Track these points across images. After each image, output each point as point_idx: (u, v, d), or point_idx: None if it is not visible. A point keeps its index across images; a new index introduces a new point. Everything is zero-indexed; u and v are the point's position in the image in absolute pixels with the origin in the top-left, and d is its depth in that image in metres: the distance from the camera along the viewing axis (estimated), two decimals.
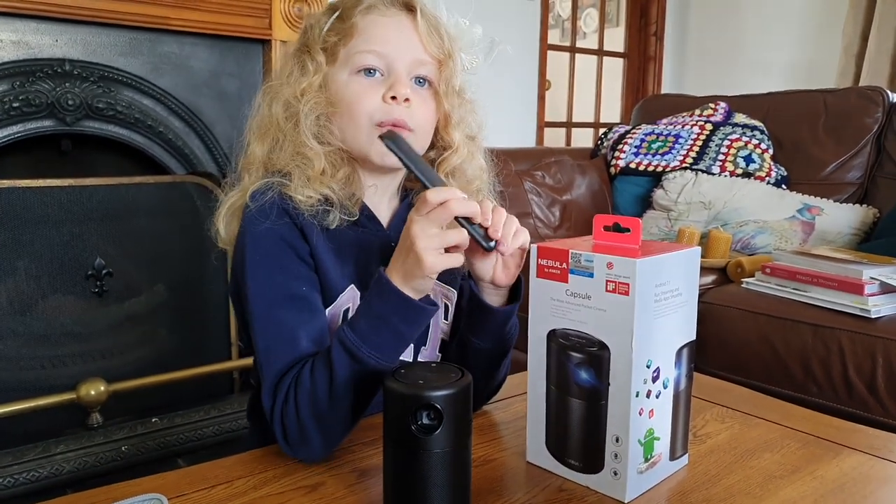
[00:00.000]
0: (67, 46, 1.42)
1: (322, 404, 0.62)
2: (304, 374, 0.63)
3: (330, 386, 0.61)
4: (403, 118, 0.71)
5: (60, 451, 1.39)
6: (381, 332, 0.61)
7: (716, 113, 2.27)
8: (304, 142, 0.71)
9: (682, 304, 0.61)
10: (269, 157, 0.73)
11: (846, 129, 2.02)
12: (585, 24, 4.18)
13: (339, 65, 0.73)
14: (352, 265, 0.73)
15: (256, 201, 0.69)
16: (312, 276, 0.70)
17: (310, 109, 0.71)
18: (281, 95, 0.73)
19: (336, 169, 0.72)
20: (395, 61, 0.72)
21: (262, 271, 0.68)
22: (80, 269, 1.51)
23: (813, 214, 1.88)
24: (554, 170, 2.21)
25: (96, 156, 1.59)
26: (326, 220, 0.69)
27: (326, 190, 0.70)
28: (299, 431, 0.63)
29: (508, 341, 0.74)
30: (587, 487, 0.61)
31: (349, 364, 0.61)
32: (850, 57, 2.78)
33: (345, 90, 0.72)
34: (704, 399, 0.82)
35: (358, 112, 0.71)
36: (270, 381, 0.64)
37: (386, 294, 0.61)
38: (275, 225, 0.67)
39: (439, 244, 0.60)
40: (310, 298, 0.68)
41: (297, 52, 0.76)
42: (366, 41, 0.72)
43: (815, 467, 0.65)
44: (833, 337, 1.37)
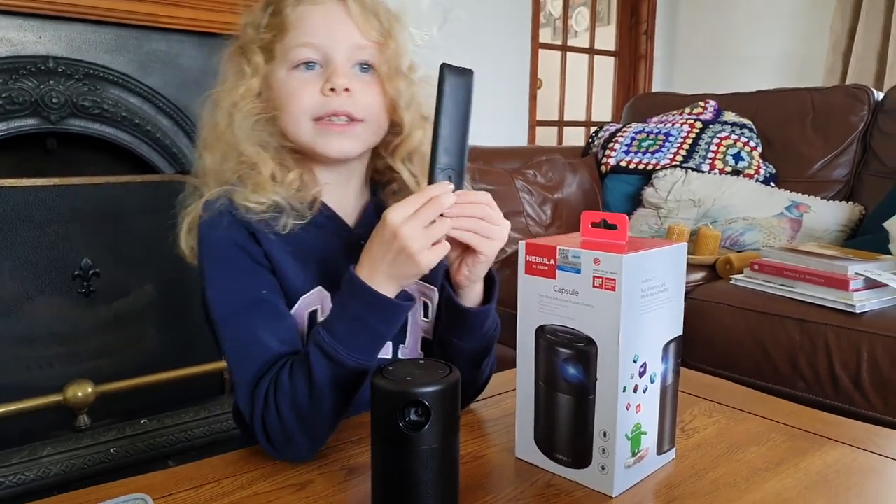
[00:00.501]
0: (51, 43, 1.41)
1: (304, 408, 0.61)
2: (282, 378, 0.62)
3: (310, 389, 0.61)
4: (346, 108, 0.69)
5: (48, 453, 1.38)
6: (358, 333, 0.61)
7: (705, 111, 2.28)
8: (244, 150, 0.69)
9: (668, 299, 0.61)
10: (221, 168, 0.71)
11: (833, 128, 2.04)
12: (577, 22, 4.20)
13: (277, 62, 0.71)
14: (317, 266, 0.71)
15: (208, 210, 0.68)
16: (272, 279, 0.69)
17: (243, 117, 0.70)
18: (221, 104, 0.72)
19: (287, 171, 0.71)
20: (332, 51, 0.69)
21: (221, 278, 0.67)
22: (67, 269, 1.49)
23: (801, 212, 1.90)
24: (545, 168, 2.22)
25: (82, 155, 1.58)
26: (277, 225, 0.68)
27: (275, 196, 0.68)
28: (283, 435, 0.62)
29: (489, 340, 0.74)
30: (575, 482, 0.61)
31: (328, 366, 0.61)
32: (838, 54, 2.80)
33: (283, 87, 0.70)
34: (692, 394, 0.82)
35: (295, 109, 0.69)
36: (245, 387, 0.64)
37: (360, 294, 0.61)
38: (227, 232, 0.67)
39: (430, 241, 0.60)
40: (272, 301, 0.67)
41: (233, 55, 0.74)
42: (299, 34, 0.70)
43: (799, 460, 0.66)
44: (819, 332, 1.38)
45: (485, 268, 0.67)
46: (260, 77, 0.71)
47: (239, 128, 0.69)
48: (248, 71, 0.71)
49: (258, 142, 0.70)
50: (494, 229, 0.64)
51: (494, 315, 0.73)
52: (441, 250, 0.61)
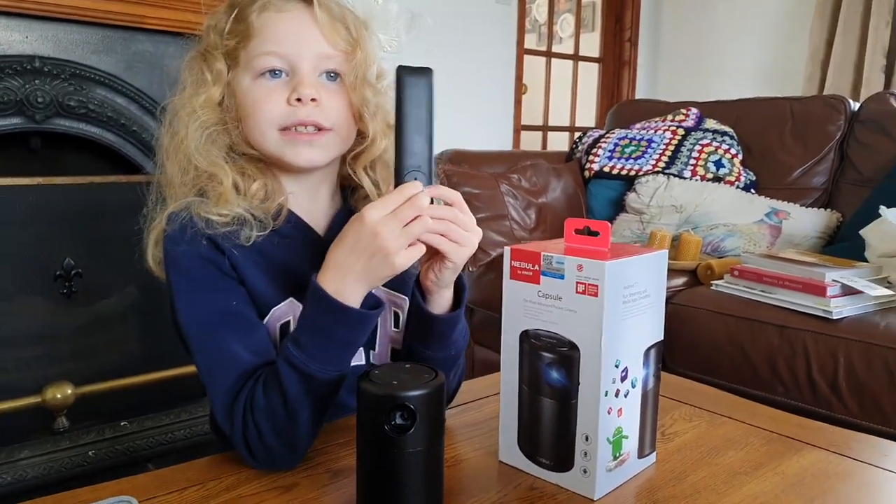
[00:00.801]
0: (38, 43, 1.40)
1: (281, 423, 0.61)
2: (257, 394, 0.62)
3: (285, 404, 0.60)
4: (313, 118, 0.68)
5: (25, 456, 1.36)
6: (325, 344, 0.60)
7: (687, 118, 2.32)
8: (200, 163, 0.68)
9: (649, 305, 0.62)
10: (182, 179, 0.69)
11: (811, 136, 2.08)
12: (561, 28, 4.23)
13: (240, 69, 0.69)
14: (287, 277, 0.70)
15: (172, 224, 0.67)
16: (240, 289, 0.68)
17: (200, 126, 0.68)
18: (180, 112, 0.70)
19: (251, 181, 0.69)
20: (298, 60, 0.68)
21: (189, 294, 0.66)
22: (49, 269, 1.47)
23: (780, 218, 1.93)
24: (530, 173, 2.24)
25: (67, 154, 1.56)
26: (240, 238, 0.67)
27: (237, 209, 0.67)
28: (264, 450, 0.62)
29: (458, 349, 0.72)
30: (557, 485, 0.62)
31: (299, 380, 0.60)
32: (816, 64, 2.86)
33: (247, 96, 0.69)
34: (673, 398, 0.84)
35: (261, 119, 0.68)
36: (222, 403, 0.63)
37: (324, 306, 0.60)
38: (192, 245, 0.65)
39: (408, 241, 0.59)
40: (242, 313, 0.67)
41: (194, 61, 0.72)
42: (264, 42, 0.68)
43: (777, 463, 0.67)
44: (798, 338, 1.40)
45: (452, 274, 0.66)
46: (222, 85, 0.70)
47: (194, 139, 0.68)
48: (209, 78, 0.69)
49: (217, 153, 0.69)
50: (465, 235, 0.63)
51: (464, 324, 0.72)
52: (416, 251, 0.61)
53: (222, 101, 0.70)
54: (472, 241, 0.64)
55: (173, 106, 0.71)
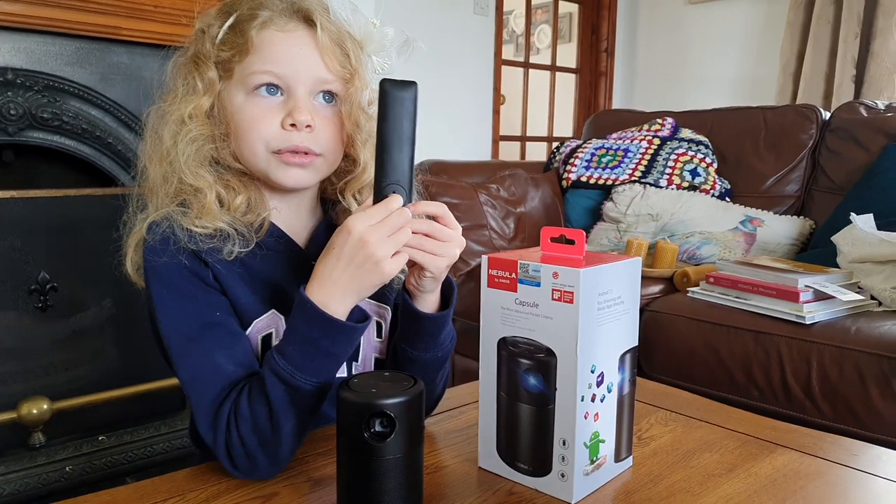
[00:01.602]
0: (10, 55, 1.39)
1: (265, 433, 0.61)
2: (241, 405, 0.61)
3: (270, 415, 0.60)
4: (306, 144, 0.68)
5: (0, 472, 1.33)
6: (311, 356, 0.60)
7: (663, 128, 2.36)
8: (186, 176, 0.67)
9: (624, 311, 0.64)
10: (163, 188, 0.68)
11: (784, 145, 2.12)
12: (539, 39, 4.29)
13: (234, 82, 0.68)
14: (269, 289, 0.70)
15: (153, 233, 0.66)
16: (223, 300, 0.67)
17: (191, 140, 0.67)
18: (168, 118, 0.69)
19: (235, 194, 0.69)
20: (296, 82, 0.67)
21: (171, 304, 0.65)
22: (24, 283, 1.46)
23: (754, 226, 1.97)
24: (508, 183, 2.26)
25: (41, 167, 1.54)
26: (222, 252, 0.66)
27: (219, 223, 0.66)
28: (247, 460, 0.62)
29: (445, 351, 0.73)
30: (536, 490, 0.63)
31: (284, 391, 0.60)
32: (788, 75, 2.93)
33: (240, 113, 0.68)
34: (649, 403, 0.85)
35: (253, 138, 0.67)
36: (205, 414, 0.63)
37: (311, 317, 0.60)
38: (174, 256, 0.65)
39: (395, 248, 0.60)
40: (225, 323, 0.66)
41: (185, 66, 0.70)
42: (262, 60, 0.67)
43: (750, 465, 0.69)
44: (772, 343, 1.43)
45: (432, 282, 0.67)
46: (213, 94, 0.69)
47: (183, 152, 0.67)
48: (199, 87, 0.68)
49: (203, 166, 0.68)
50: (440, 246, 0.63)
51: (451, 327, 0.73)
52: (402, 259, 0.61)
53: (211, 110, 0.69)
54: (451, 252, 0.64)
55: (159, 111, 0.70)
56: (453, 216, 0.65)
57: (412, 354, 0.71)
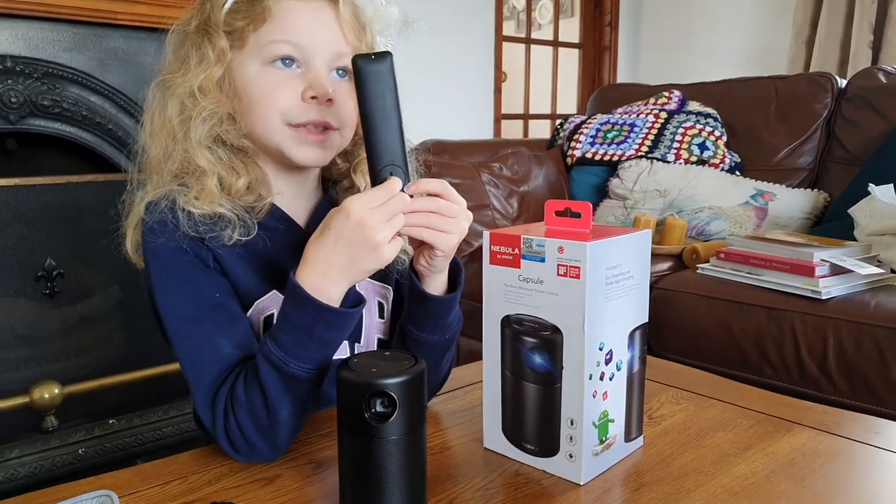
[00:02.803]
0: (8, 42, 1.37)
1: (262, 419, 0.60)
2: (237, 390, 0.61)
3: (265, 401, 0.60)
4: (326, 118, 0.66)
5: (15, 455, 1.35)
6: (305, 344, 0.59)
7: (670, 101, 2.31)
8: (194, 156, 0.65)
9: (633, 286, 0.62)
10: (163, 166, 0.66)
11: (797, 116, 2.07)
12: (540, 15, 4.21)
13: (247, 52, 0.66)
14: (270, 270, 0.68)
15: (151, 214, 0.64)
16: (223, 281, 0.66)
17: (208, 115, 0.65)
18: (176, 91, 0.66)
19: (238, 176, 0.66)
20: (314, 54, 0.65)
21: (171, 286, 0.64)
22: (30, 270, 1.46)
23: (766, 200, 1.93)
24: (511, 161, 2.23)
25: (43, 154, 1.54)
26: (222, 237, 0.65)
27: (219, 208, 0.64)
28: (246, 444, 0.61)
29: (452, 333, 0.71)
30: (543, 471, 0.61)
31: (278, 378, 0.59)
32: (801, 43, 2.85)
33: (255, 83, 0.65)
34: (660, 382, 0.84)
35: (270, 110, 0.65)
36: (204, 397, 0.62)
37: (303, 304, 0.58)
38: (173, 236, 0.63)
39: (392, 232, 0.58)
40: (225, 305, 0.65)
41: (193, 34, 0.67)
42: (281, 29, 0.65)
43: (766, 444, 0.67)
44: (786, 319, 1.41)
45: (443, 261, 0.66)
46: (224, 64, 0.66)
47: (195, 131, 0.65)
48: (211, 56, 0.65)
49: (209, 146, 0.66)
50: (449, 222, 0.61)
51: (458, 309, 0.71)
52: (398, 244, 0.60)
53: (222, 81, 0.67)
54: (461, 227, 0.63)
55: (165, 83, 0.67)
56: (455, 190, 0.63)
57: (419, 336, 0.70)
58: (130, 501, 0.57)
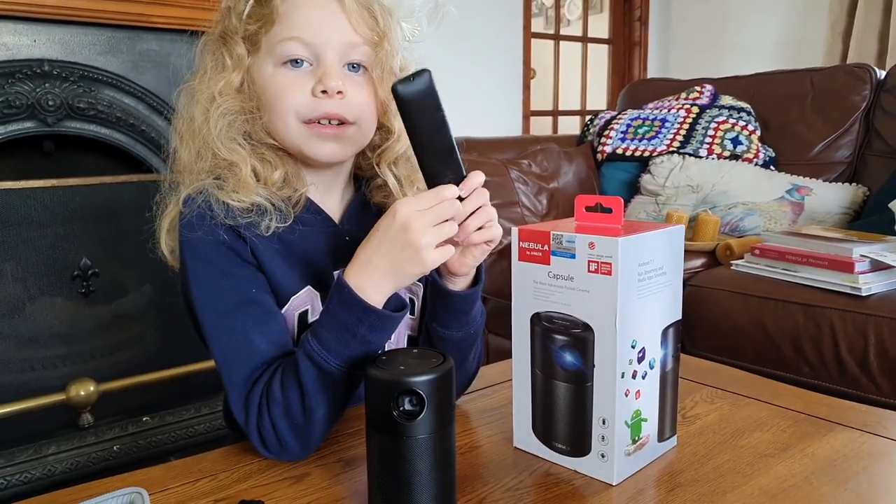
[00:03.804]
0: (46, 47, 1.40)
1: (297, 417, 0.60)
2: (274, 387, 0.60)
3: (302, 399, 0.59)
4: (338, 112, 0.66)
5: (52, 451, 1.38)
6: (348, 343, 0.58)
7: (702, 96, 2.27)
8: (219, 150, 0.65)
9: (666, 283, 0.60)
10: (196, 166, 0.67)
11: (834, 108, 2.02)
12: (569, 11, 4.17)
13: (262, 55, 0.67)
14: (305, 265, 0.68)
15: (189, 207, 0.65)
16: (260, 276, 0.66)
17: (222, 114, 0.66)
18: (198, 96, 0.67)
19: (272, 168, 0.67)
20: (323, 48, 0.65)
21: (207, 280, 0.64)
22: (67, 269, 1.49)
23: (802, 195, 1.88)
24: (540, 158, 2.21)
25: (79, 156, 1.57)
26: (259, 227, 0.65)
27: (256, 198, 0.65)
28: (278, 442, 0.61)
29: (475, 328, 0.71)
30: (575, 471, 0.60)
31: (318, 376, 0.59)
32: (837, 34, 2.77)
33: (269, 84, 0.66)
34: (693, 380, 0.82)
35: (283, 109, 0.66)
36: (238, 393, 0.62)
37: (349, 303, 0.58)
38: (211, 229, 0.63)
39: (439, 239, 0.58)
40: (260, 300, 0.65)
41: (213, 43, 0.69)
42: (289, 27, 0.65)
43: (806, 445, 0.65)
44: (824, 316, 1.37)
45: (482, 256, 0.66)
46: (242, 70, 0.68)
47: (215, 126, 0.66)
48: (229, 63, 0.67)
49: (236, 140, 0.66)
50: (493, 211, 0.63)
51: (481, 303, 0.71)
52: (447, 252, 0.59)
53: (241, 86, 0.68)
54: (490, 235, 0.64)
55: (190, 90, 0.69)
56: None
57: (444, 334, 0.69)
58: (161, 498, 0.57)
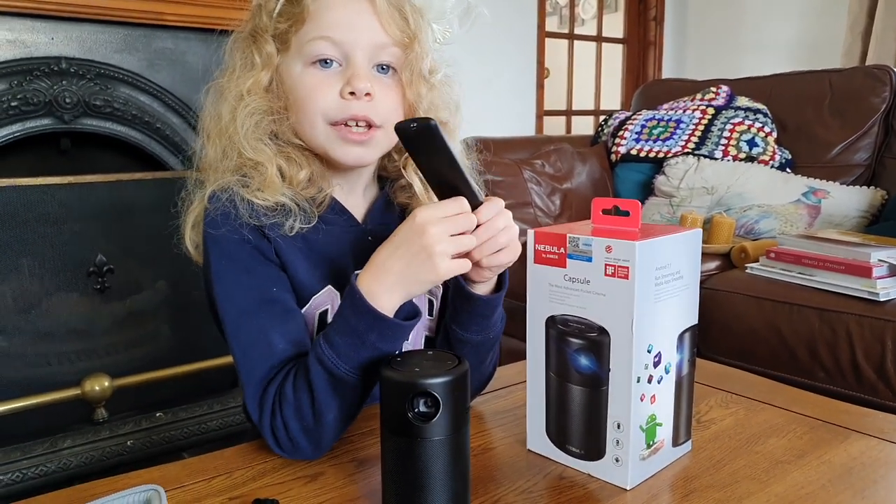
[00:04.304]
0: (63, 44, 1.42)
1: (308, 420, 0.60)
2: (286, 388, 0.61)
3: (313, 403, 0.59)
4: (366, 114, 0.65)
5: (67, 445, 1.40)
6: (358, 349, 0.58)
7: (717, 97, 2.25)
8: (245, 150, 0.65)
9: (683, 287, 0.60)
10: (222, 164, 0.67)
11: (852, 110, 2.00)
12: (584, 10, 4.15)
13: (291, 54, 0.67)
14: (327, 265, 0.69)
15: (214, 204, 0.65)
16: (282, 275, 0.66)
17: (249, 113, 0.66)
18: (226, 94, 0.68)
19: (298, 168, 0.67)
20: (353, 49, 0.65)
21: (229, 276, 0.64)
22: (82, 266, 1.51)
23: (819, 198, 1.86)
24: (553, 158, 2.20)
25: (95, 153, 1.59)
26: (283, 227, 0.65)
27: (281, 197, 0.65)
28: (290, 442, 0.62)
29: (496, 333, 0.70)
30: (588, 475, 0.60)
31: (328, 381, 0.59)
32: (856, 35, 2.73)
33: (298, 84, 0.66)
34: (708, 385, 0.81)
35: (311, 110, 0.66)
36: (253, 391, 0.62)
37: (360, 310, 0.58)
38: (235, 227, 0.64)
39: (455, 249, 0.58)
40: (281, 299, 0.65)
41: (242, 41, 0.69)
42: (318, 27, 0.65)
43: (822, 452, 0.64)
44: (840, 321, 1.35)
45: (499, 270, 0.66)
46: (271, 69, 0.67)
47: (242, 126, 0.66)
48: (258, 61, 0.67)
49: (262, 140, 0.66)
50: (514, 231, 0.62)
51: (501, 307, 0.70)
52: (462, 266, 0.59)
53: (270, 85, 0.68)
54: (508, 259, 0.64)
55: (218, 87, 0.69)
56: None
57: (463, 336, 0.69)
58: (177, 495, 0.58)
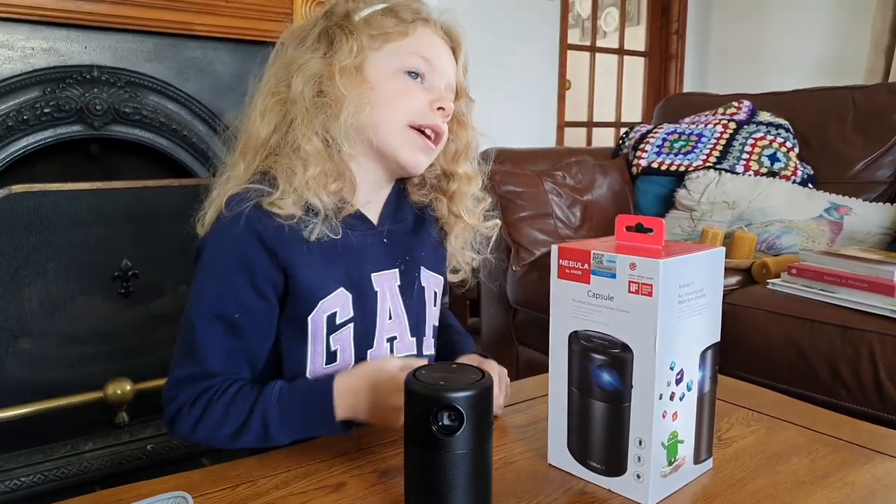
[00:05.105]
0: (96, 53, 1.45)
1: (219, 440, 0.66)
2: (218, 406, 0.66)
3: (233, 436, 0.66)
4: (443, 128, 0.73)
5: (89, 448, 1.41)
6: (300, 430, 0.66)
7: (739, 111, 2.24)
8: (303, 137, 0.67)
9: (706, 305, 0.60)
10: (272, 139, 0.69)
11: (876, 127, 1.98)
12: (606, 23, 4.16)
13: (383, 55, 0.71)
14: (341, 267, 0.70)
15: (230, 209, 0.66)
16: (259, 305, 0.68)
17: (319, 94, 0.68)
18: (308, 69, 0.69)
19: (331, 179, 0.69)
20: (439, 78, 0.74)
21: (208, 281, 0.68)
22: (108, 270, 1.52)
23: (841, 214, 1.85)
24: (574, 170, 2.20)
25: (123, 159, 1.61)
26: (305, 230, 0.67)
27: (314, 198, 0.66)
28: (190, 435, 0.67)
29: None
30: (609, 490, 0.60)
31: (261, 436, 0.66)
32: (880, 52, 2.71)
33: (387, 84, 0.71)
34: (729, 402, 0.81)
35: (398, 108, 0.71)
36: (173, 381, 0.67)
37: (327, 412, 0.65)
38: (238, 241, 0.66)
39: None
40: (241, 326, 0.67)
41: (333, 24, 0.71)
42: (419, 47, 0.72)
43: (845, 473, 0.64)
44: (863, 339, 1.34)
45: None
46: (362, 58, 0.70)
47: (307, 100, 0.68)
48: (353, 47, 0.69)
49: (316, 131, 0.68)
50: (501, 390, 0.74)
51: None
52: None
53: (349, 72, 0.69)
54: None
55: (295, 59, 0.70)
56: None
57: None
58: (202, 503, 0.59)
